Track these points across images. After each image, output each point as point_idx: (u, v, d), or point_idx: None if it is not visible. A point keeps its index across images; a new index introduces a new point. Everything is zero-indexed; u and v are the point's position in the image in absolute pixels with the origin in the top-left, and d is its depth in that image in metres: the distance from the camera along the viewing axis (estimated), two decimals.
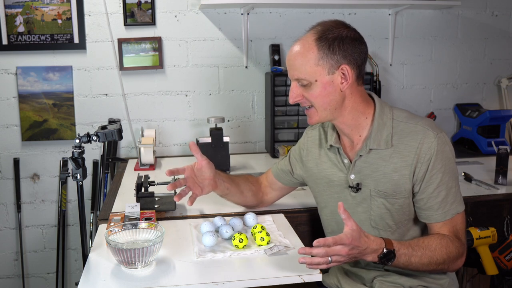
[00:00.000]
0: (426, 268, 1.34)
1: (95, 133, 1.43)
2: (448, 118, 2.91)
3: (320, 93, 1.36)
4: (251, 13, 2.61)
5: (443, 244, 1.33)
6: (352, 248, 1.21)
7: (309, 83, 1.36)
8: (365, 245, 1.24)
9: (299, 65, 1.36)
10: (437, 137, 1.35)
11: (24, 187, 2.60)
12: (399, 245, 1.30)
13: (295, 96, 1.40)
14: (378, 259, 1.27)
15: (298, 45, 1.37)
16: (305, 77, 1.35)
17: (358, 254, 1.25)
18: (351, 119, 1.42)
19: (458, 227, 1.38)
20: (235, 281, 1.23)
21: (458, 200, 1.39)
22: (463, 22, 2.81)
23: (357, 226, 1.24)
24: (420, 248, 1.32)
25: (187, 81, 2.63)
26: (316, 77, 1.35)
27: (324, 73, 1.34)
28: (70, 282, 2.70)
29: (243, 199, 1.68)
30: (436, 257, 1.32)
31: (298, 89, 1.39)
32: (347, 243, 1.20)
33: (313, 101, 1.38)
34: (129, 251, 1.26)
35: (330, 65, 1.34)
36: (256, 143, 2.76)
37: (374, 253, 1.27)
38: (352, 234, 1.21)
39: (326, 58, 1.33)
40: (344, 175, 1.47)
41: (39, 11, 2.44)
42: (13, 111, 2.53)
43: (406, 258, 1.30)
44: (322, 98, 1.37)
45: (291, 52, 1.38)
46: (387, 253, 1.27)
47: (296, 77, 1.38)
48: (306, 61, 1.34)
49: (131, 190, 1.86)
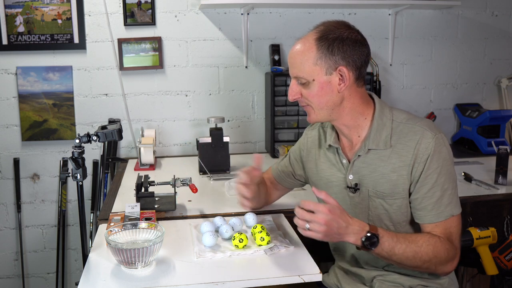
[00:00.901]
0: (410, 263, 1.32)
1: (95, 133, 1.43)
2: (448, 118, 2.91)
3: (317, 92, 1.37)
4: (251, 13, 2.61)
5: (431, 242, 1.32)
6: (331, 220, 1.22)
7: (307, 81, 1.37)
8: (345, 222, 1.25)
9: (299, 64, 1.37)
10: (435, 138, 1.35)
11: (24, 187, 2.60)
12: (384, 232, 1.30)
13: (294, 93, 1.42)
14: (361, 242, 1.27)
15: (299, 43, 1.38)
16: (303, 75, 1.36)
17: (338, 230, 1.25)
18: (350, 119, 1.42)
19: (451, 230, 1.36)
20: (235, 281, 1.23)
21: (454, 203, 1.37)
22: (463, 22, 2.81)
23: (338, 205, 1.27)
24: (406, 240, 1.31)
25: (187, 81, 2.63)
26: (313, 76, 1.35)
27: (322, 73, 1.35)
28: (70, 282, 2.71)
29: (258, 203, 1.67)
30: (421, 253, 1.31)
31: (297, 87, 1.41)
32: (324, 211, 1.22)
33: (310, 100, 1.39)
34: (129, 251, 1.26)
35: (328, 66, 1.34)
36: (256, 143, 2.76)
37: (356, 234, 1.27)
38: (332, 207, 1.24)
39: (325, 58, 1.34)
40: (342, 175, 1.47)
41: (39, 11, 2.44)
42: (13, 111, 2.53)
43: (390, 247, 1.29)
44: (319, 98, 1.38)
45: (292, 50, 1.40)
46: (370, 236, 1.27)
47: (295, 75, 1.39)
48: (305, 60, 1.35)
49: (131, 190, 1.86)
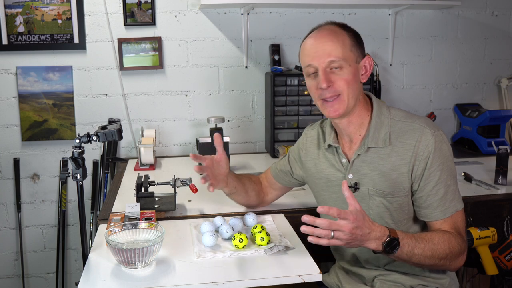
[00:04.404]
0: (428, 262, 1.32)
1: (95, 133, 1.43)
2: (448, 118, 2.91)
3: (352, 78, 1.36)
4: (251, 13, 2.61)
5: (446, 238, 1.32)
6: (355, 227, 1.18)
7: (341, 66, 1.34)
8: (369, 229, 1.22)
9: (335, 48, 1.34)
10: (434, 135, 1.35)
11: (24, 187, 2.60)
12: (403, 235, 1.28)
13: (328, 80, 1.34)
14: (382, 247, 1.24)
15: (325, 30, 1.37)
16: (342, 58, 1.33)
17: (362, 237, 1.21)
18: (357, 116, 1.43)
19: (458, 224, 1.38)
20: (235, 281, 1.23)
21: (457, 198, 1.39)
22: (463, 22, 2.81)
23: (360, 207, 1.21)
24: (423, 240, 1.31)
25: (187, 81, 2.63)
26: (350, 62, 1.35)
27: (354, 60, 1.36)
28: (70, 282, 2.70)
29: (247, 199, 1.69)
30: (438, 251, 1.31)
31: (328, 75, 1.35)
32: (350, 220, 1.17)
33: (344, 86, 1.35)
34: (129, 251, 1.26)
35: (359, 54, 1.37)
36: (256, 143, 2.76)
37: (378, 240, 1.24)
38: (356, 213, 1.19)
39: (357, 46, 1.37)
40: (342, 174, 1.47)
41: (39, 11, 2.44)
42: (13, 111, 2.53)
43: (410, 248, 1.28)
44: (352, 85, 1.36)
45: (320, 36, 1.36)
46: (391, 240, 1.24)
47: (332, 58, 1.34)
48: (342, 44, 1.34)
49: (131, 190, 1.86)
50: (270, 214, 1.68)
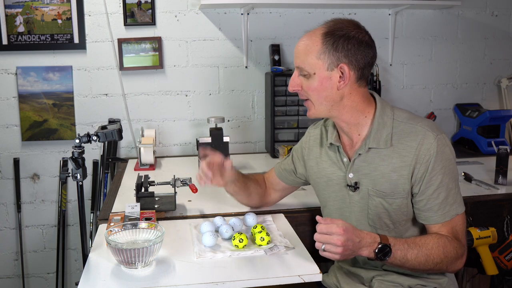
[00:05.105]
0: (423, 267, 1.33)
1: (95, 133, 1.43)
2: (448, 118, 2.90)
3: (317, 87, 1.37)
4: (251, 13, 2.61)
5: (440, 243, 1.33)
6: (346, 240, 1.22)
7: (308, 74, 1.37)
8: (359, 237, 1.26)
9: (303, 55, 1.38)
10: (436, 139, 1.35)
11: (24, 187, 2.60)
12: (395, 241, 1.30)
13: (294, 84, 1.42)
14: (374, 254, 1.27)
15: (306, 36, 1.40)
16: (306, 67, 1.37)
17: (353, 247, 1.25)
18: (349, 117, 1.42)
19: (457, 228, 1.37)
20: (235, 281, 1.23)
21: (458, 202, 1.38)
22: (463, 22, 2.81)
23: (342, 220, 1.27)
24: (417, 245, 1.32)
25: (187, 81, 2.63)
26: (315, 70, 1.36)
27: (323, 67, 1.36)
28: (70, 282, 2.70)
29: (248, 201, 1.72)
30: (433, 256, 1.32)
31: (298, 79, 1.41)
32: (340, 233, 1.22)
33: (310, 93, 1.40)
34: (129, 251, 1.26)
35: (330, 61, 1.35)
36: (256, 143, 2.76)
37: (369, 247, 1.27)
38: (344, 224, 1.24)
39: (328, 53, 1.34)
40: (342, 173, 1.47)
41: (39, 11, 2.44)
42: (13, 111, 2.53)
43: (402, 254, 1.30)
44: (318, 92, 1.38)
45: (299, 41, 1.41)
46: (383, 247, 1.27)
47: (298, 65, 1.40)
48: (309, 52, 1.36)
49: (131, 190, 1.86)
50: (270, 214, 1.68)
